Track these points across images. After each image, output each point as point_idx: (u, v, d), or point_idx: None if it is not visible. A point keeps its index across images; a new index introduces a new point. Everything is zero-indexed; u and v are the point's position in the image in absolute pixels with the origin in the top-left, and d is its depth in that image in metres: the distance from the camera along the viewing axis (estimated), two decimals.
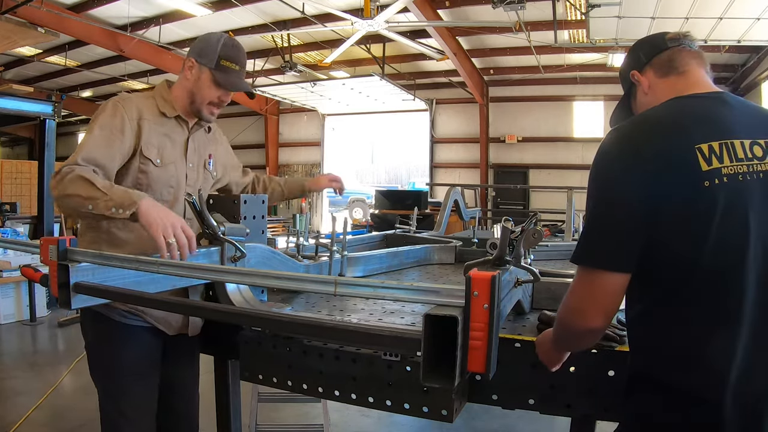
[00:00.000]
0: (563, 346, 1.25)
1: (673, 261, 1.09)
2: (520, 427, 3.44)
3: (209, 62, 1.83)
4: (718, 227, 1.05)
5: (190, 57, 1.86)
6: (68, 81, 14.30)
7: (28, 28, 7.74)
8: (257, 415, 2.99)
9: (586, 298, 1.12)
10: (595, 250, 1.12)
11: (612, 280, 1.10)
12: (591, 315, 1.12)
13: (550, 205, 9.12)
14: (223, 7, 9.19)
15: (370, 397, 1.38)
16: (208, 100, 1.86)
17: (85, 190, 1.56)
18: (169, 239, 1.48)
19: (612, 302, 1.12)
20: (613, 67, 11.28)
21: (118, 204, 1.53)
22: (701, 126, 1.11)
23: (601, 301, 1.11)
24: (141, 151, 1.77)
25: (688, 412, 1.07)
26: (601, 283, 1.11)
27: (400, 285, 1.03)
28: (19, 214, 7.92)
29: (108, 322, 1.76)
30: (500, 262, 1.20)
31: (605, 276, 1.10)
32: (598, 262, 1.11)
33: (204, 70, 1.84)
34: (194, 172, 1.91)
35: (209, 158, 1.99)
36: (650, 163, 1.07)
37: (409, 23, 9.06)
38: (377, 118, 17.01)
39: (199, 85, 1.85)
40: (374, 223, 10.86)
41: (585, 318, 1.12)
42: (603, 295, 1.11)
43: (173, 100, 1.88)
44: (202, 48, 1.86)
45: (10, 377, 4.40)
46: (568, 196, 4.04)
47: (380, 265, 2.37)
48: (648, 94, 1.30)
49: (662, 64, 1.28)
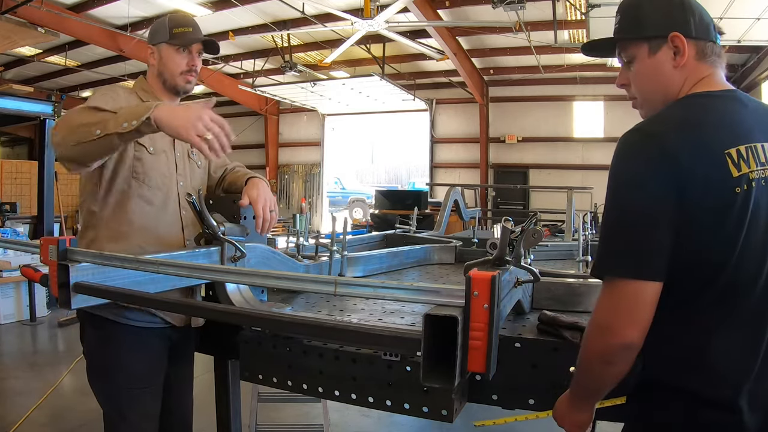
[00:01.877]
0: (588, 392, 1.16)
1: (697, 266, 1.04)
2: (521, 427, 3.43)
3: (162, 37, 1.86)
4: (746, 234, 1.02)
5: (148, 46, 1.90)
6: (68, 81, 14.29)
7: (28, 28, 7.73)
8: (257, 415, 2.99)
9: (618, 312, 1.03)
10: (625, 258, 1.03)
11: (647, 291, 1.02)
12: (624, 329, 1.02)
13: (550, 205, 9.11)
14: (223, 7, 9.19)
15: (370, 397, 1.38)
16: (178, 71, 1.87)
17: (92, 116, 1.51)
18: (206, 135, 1.42)
19: (648, 316, 1.02)
20: (613, 67, 11.28)
21: (129, 116, 1.44)
22: (726, 129, 1.07)
23: (635, 315, 1.02)
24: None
25: (706, 416, 1.05)
26: (634, 295, 1.02)
27: (400, 285, 1.03)
28: (19, 214, 7.92)
29: (113, 327, 1.72)
30: (500, 262, 1.20)
31: (638, 286, 1.02)
32: (629, 271, 1.02)
33: (161, 47, 1.87)
34: (182, 162, 1.91)
35: (192, 147, 1.93)
36: (682, 167, 1.01)
37: (409, 23, 9.06)
38: (377, 118, 17.01)
39: (162, 62, 1.87)
40: (374, 223, 10.87)
41: (618, 333, 1.02)
42: (637, 307, 1.02)
43: (151, 90, 1.90)
44: (153, 32, 1.90)
45: (10, 377, 4.40)
46: (568, 196, 4.04)
47: (380, 265, 2.37)
48: (677, 69, 1.16)
49: (704, 50, 1.16)
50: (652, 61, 1.18)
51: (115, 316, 1.72)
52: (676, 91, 1.17)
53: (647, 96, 1.23)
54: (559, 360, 1.31)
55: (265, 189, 1.81)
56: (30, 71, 13.23)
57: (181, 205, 1.85)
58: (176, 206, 1.84)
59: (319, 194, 16.11)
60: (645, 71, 1.20)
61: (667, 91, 1.18)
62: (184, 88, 1.91)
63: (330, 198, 17.60)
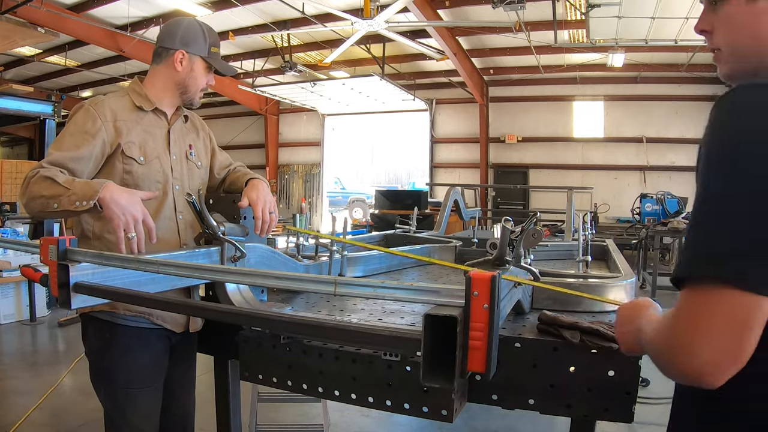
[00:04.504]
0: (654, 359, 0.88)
1: None
2: (520, 427, 3.44)
3: (200, 51, 1.84)
4: None
5: (179, 49, 1.83)
6: (68, 81, 14.30)
7: (28, 28, 7.74)
8: (257, 415, 2.99)
9: (714, 335, 0.76)
10: (734, 260, 0.76)
11: (762, 308, 0.75)
12: (721, 362, 0.76)
13: (550, 205, 9.13)
14: (223, 7, 9.20)
15: (370, 397, 1.38)
16: (201, 88, 1.89)
17: (48, 189, 1.55)
18: (129, 234, 1.52)
19: (754, 342, 0.75)
20: (613, 66, 11.29)
21: (81, 196, 1.52)
22: None
23: (739, 342, 0.75)
24: (123, 151, 1.73)
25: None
26: (746, 314, 0.74)
27: (400, 285, 1.03)
28: (19, 214, 7.92)
29: (114, 329, 1.73)
30: (500, 262, 1.20)
31: (749, 301, 0.74)
32: (740, 280, 0.74)
33: (196, 60, 1.85)
34: (178, 164, 1.88)
35: (190, 148, 1.95)
36: None
37: (409, 23, 9.06)
38: (377, 118, 17.03)
39: (194, 75, 1.85)
40: (374, 223, 10.88)
41: (714, 367, 0.76)
42: (741, 331, 0.75)
43: (149, 93, 1.84)
44: (187, 37, 1.84)
45: (10, 377, 4.40)
46: (568, 196, 4.04)
47: (380, 265, 2.37)
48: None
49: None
50: (752, 7, 0.91)
51: (113, 318, 1.72)
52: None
53: (738, 50, 0.96)
54: (559, 360, 1.31)
55: (265, 190, 1.82)
56: (30, 71, 13.24)
57: (177, 210, 1.83)
58: (172, 212, 1.82)
59: (319, 194, 16.11)
60: (739, 19, 0.94)
61: (763, 50, 0.92)
62: (197, 104, 1.92)
63: (330, 198, 17.60)
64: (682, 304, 0.80)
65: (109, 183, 1.56)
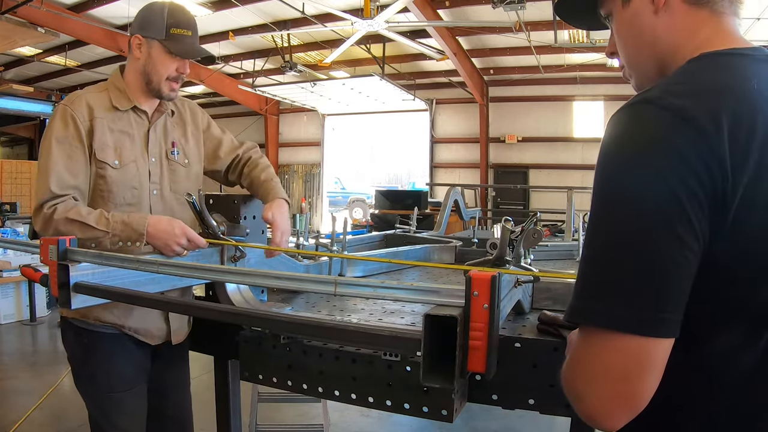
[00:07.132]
0: None
1: (730, 288, 0.74)
2: (520, 427, 3.44)
3: (157, 34, 1.68)
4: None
5: (135, 34, 1.70)
6: (68, 81, 14.27)
7: (28, 28, 7.74)
8: (257, 415, 2.99)
9: (599, 383, 0.72)
10: (626, 299, 0.70)
11: (658, 350, 0.70)
12: (610, 410, 0.72)
13: (550, 205, 9.12)
14: (223, 7, 9.19)
15: (370, 397, 1.38)
16: (165, 76, 1.71)
17: (82, 233, 1.52)
18: (183, 255, 1.56)
19: (650, 385, 0.71)
20: (613, 67, 11.28)
21: (125, 238, 1.55)
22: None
23: (627, 388, 0.71)
24: (95, 154, 1.63)
25: None
26: (637, 356, 0.70)
27: (400, 285, 1.03)
28: (19, 214, 7.93)
29: (92, 335, 1.71)
30: (500, 262, 1.20)
31: (644, 344, 0.69)
32: (631, 323, 0.69)
33: (153, 44, 1.69)
34: (157, 167, 1.76)
35: (173, 147, 1.81)
36: (724, 151, 0.68)
37: (409, 23, 9.06)
38: (377, 118, 17.02)
39: (151, 61, 1.70)
40: (374, 223, 10.88)
41: (603, 415, 0.73)
42: (627, 377, 0.70)
43: (127, 88, 1.73)
44: (145, 21, 1.70)
45: (10, 377, 4.40)
46: (568, 196, 4.04)
47: (380, 264, 2.37)
48: (659, 15, 0.85)
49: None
50: (628, 11, 0.89)
51: (87, 326, 1.71)
52: (669, 49, 0.86)
53: (632, 59, 0.93)
54: (559, 360, 1.30)
55: (287, 216, 1.73)
56: (30, 71, 13.22)
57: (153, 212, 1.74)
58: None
59: (319, 194, 16.11)
60: (622, 27, 0.91)
61: (655, 49, 0.87)
62: (168, 96, 1.75)
63: (330, 198, 17.60)
64: (574, 346, 0.78)
65: (149, 218, 1.57)
